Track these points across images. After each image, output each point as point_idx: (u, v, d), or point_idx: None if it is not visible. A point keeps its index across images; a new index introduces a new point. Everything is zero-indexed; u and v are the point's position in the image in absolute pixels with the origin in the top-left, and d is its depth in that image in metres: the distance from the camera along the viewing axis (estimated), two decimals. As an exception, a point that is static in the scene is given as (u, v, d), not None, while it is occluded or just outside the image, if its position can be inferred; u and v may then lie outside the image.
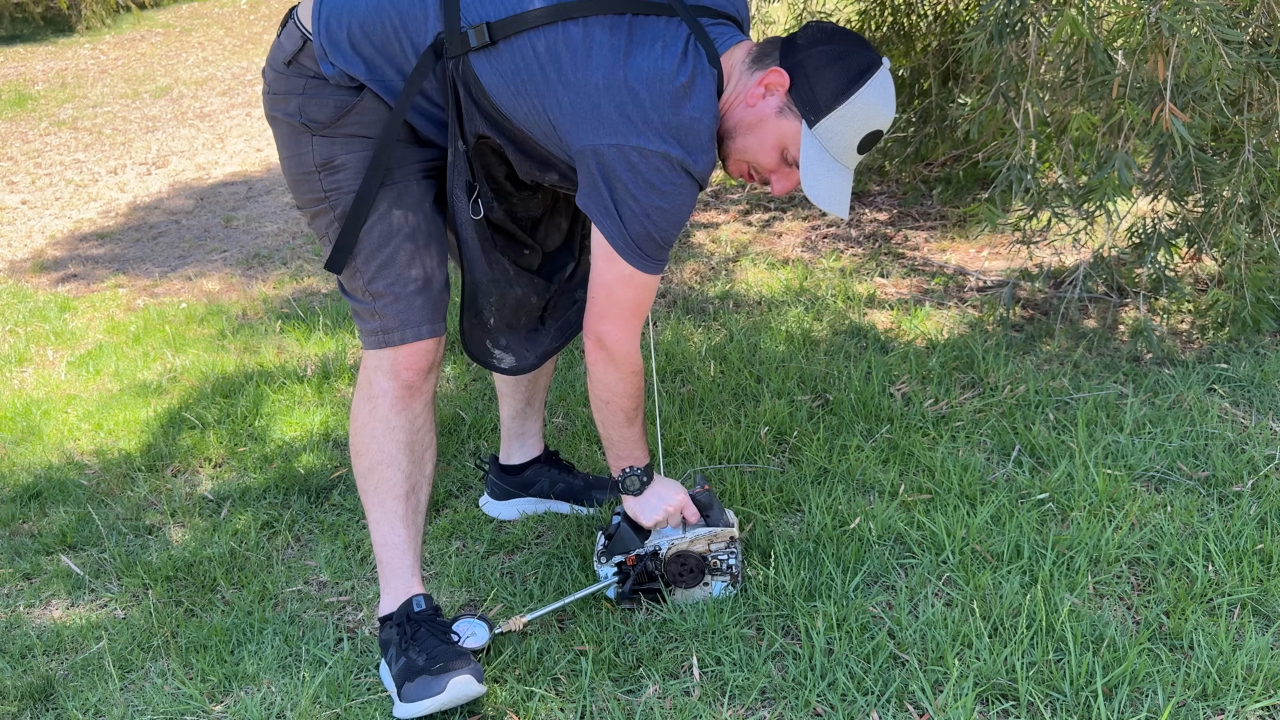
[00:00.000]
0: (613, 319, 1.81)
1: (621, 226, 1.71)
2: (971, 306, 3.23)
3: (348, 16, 1.74)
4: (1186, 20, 2.20)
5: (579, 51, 1.67)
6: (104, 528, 2.52)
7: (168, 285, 4.41)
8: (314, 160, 1.80)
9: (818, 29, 1.75)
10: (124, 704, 1.92)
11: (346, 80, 1.76)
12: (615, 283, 1.77)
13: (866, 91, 1.70)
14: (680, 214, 1.74)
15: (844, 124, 1.71)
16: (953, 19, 3.88)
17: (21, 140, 7.28)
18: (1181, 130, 2.29)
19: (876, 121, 1.73)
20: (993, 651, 1.77)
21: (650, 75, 1.64)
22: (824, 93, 1.70)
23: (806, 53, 1.71)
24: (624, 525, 1.99)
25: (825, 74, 1.69)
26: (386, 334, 1.84)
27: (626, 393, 1.87)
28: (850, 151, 1.75)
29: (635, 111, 1.64)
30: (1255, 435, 2.38)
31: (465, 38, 1.70)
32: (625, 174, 1.67)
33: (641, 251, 1.74)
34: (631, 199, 1.68)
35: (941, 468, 2.32)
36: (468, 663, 1.74)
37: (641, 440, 1.95)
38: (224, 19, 11.26)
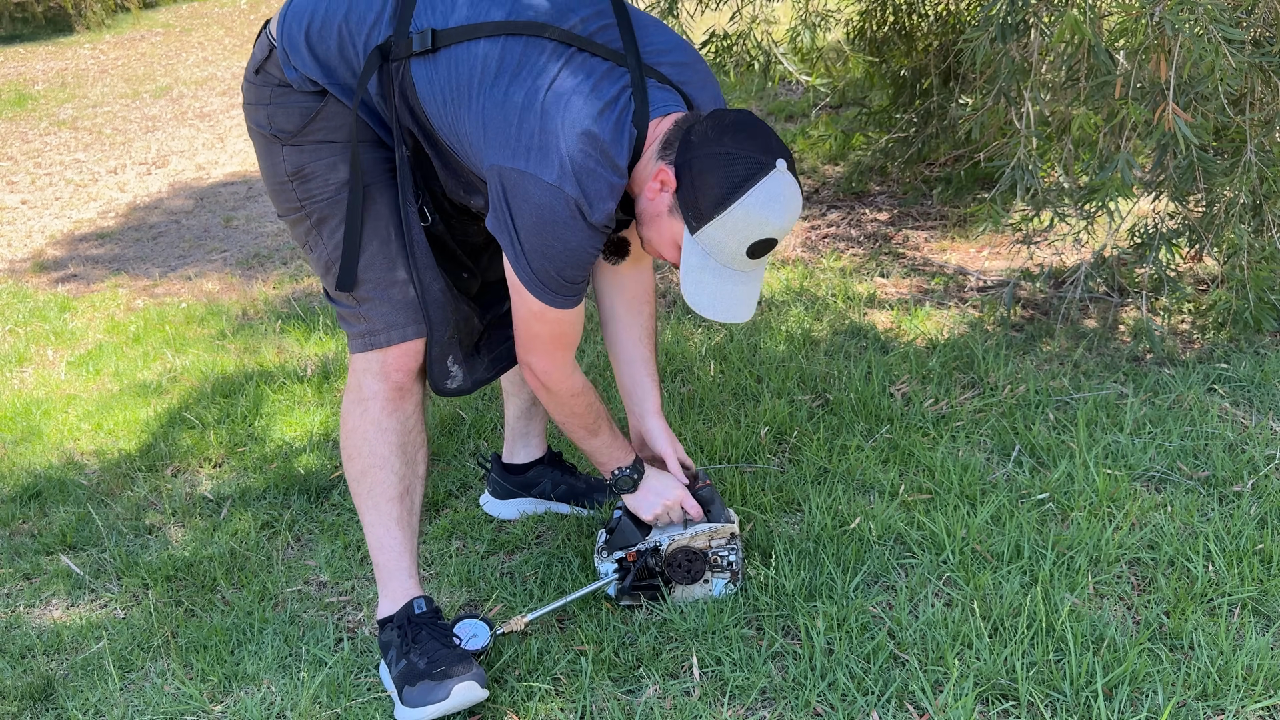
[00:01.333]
0: (536, 352, 1.79)
1: (524, 257, 1.65)
2: (972, 306, 3.23)
3: (306, 19, 1.75)
4: (1189, 20, 2.20)
5: (510, 68, 1.63)
6: (104, 528, 2.52)
7: (167, 285, 4.41)
8: (286, 170, 1.81)
9: (714, 123, 1.63)
10: (124, 704, 1.91)
11: (309, 85, 1.76)
12: (529, 317, 1.74)
13: (749, 200, 1.58)
14: (580, 255, 1.66)
15: (725, 232, 1.61)
16: (954, 19, 3.88)
17: (21, 140, 7.28)
18: (1184, 130, 2.29)
19: (762, 231, 1.60)
20: (993, 651, 1.77)
21: (569, 110, 1.59)
22: (705, 199, 1.59)
23: (696, 152, 1.60)
24: (625, 518, 1.99)
25: (708, 179, 1.59)
26: (373, 336, 1.84)
27: (576, 412, 1.86)
28: (739, 258, 1.64)
29: (543, 141, 1.58)
30: (1255, 435, 2.38)
31: (410, 42, 1.68)
32: (523, 202, 1.61)
33: (545, 286, 1.67)
34: (530, 232, 1.62)
35: (941, 468, 2.31)
36: (470, 667, 1.74)
37: (616, 442, 1.93)
38: (224, 19, 11.25)
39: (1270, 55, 2.46)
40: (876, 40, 4.05)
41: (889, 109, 4.26)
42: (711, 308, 1.67)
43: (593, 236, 1.65)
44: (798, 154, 4.86)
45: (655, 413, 2.05)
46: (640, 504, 1.97)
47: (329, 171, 1.79)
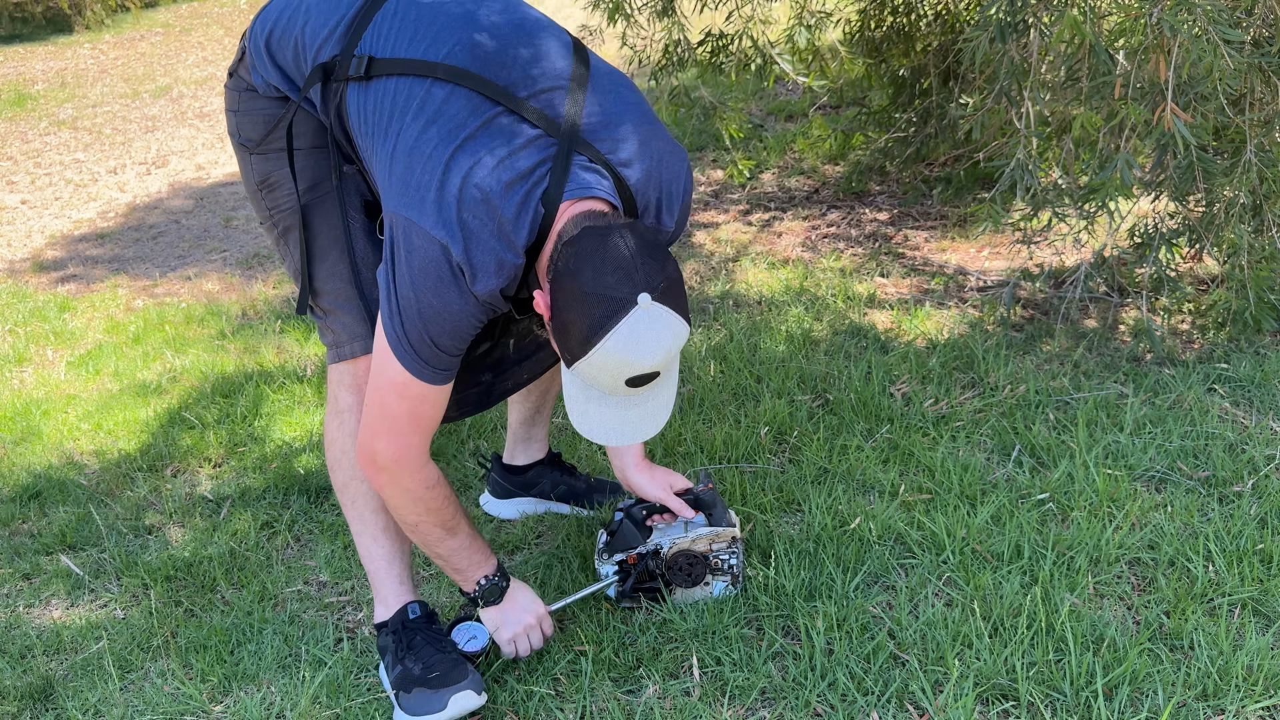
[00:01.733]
0: (388, 434, 1.61)
1: (398, 315, 1.52)
2: (972, 306, 3.23)
3: (270, 25, 1.75)
4: (1188, 20, 2.20)
5: (429, 113, 1.52)
6: (104, 528, 2.52)
7: (167, 285, 4.41)
8: (255, 179, 1.81)
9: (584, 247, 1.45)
10: (124, 704, 1.91)
11: (273, 91, 1.75)
12: (388, 390, 1.58)
13: (608, 345, 1.43)
14: (458, 323, 1.53)
15: (595, 370, 1.47)
16: (953, 19, 3.87)
17: (21, 140, 7.28)
18: (1183, 130, 2.29)
19: (631, 369, 1.46)
20: (993, 651, 1.77)
21: (475, 173, 1.47)
22: (570, 339, 1.47)
23: (561, 285, 1.46)
24: (626, 521, 1.99)
25: (571, 317, 1.45)
26: (339, 348, 1.81)
27: (432, 507, 1.68)
28: (618, 388, 1.50)
29: (440, 196, 1.47)
30: (1255, 435, 2.38)
31: (350, 64, 1.61)
32: (406, 253, 1.49)
33: (416, 353, 1.53)
34: (408, 287, 1.50)
35: (942, 468, 2.31)
36: (465, 675, 1.73)
37: (477, 542, 1.77)
38: (224, 19, 11.25)
39: (1269, 55, 2.46)
40: (875, 40, 4.05)
41: (888, 109, 4.26)
42: (604, 435, 1.55)
43: (475, 306, 1.52)
44: (798, 154, 4.86)
45: (635, 466, 1.96)
46: (504, 620, 1.81)
47: (292, 180, 1.78)
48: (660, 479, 1.97)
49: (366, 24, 1.63)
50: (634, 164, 1.58)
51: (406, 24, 1.61)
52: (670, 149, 1.64)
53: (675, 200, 1.64)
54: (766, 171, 4.74)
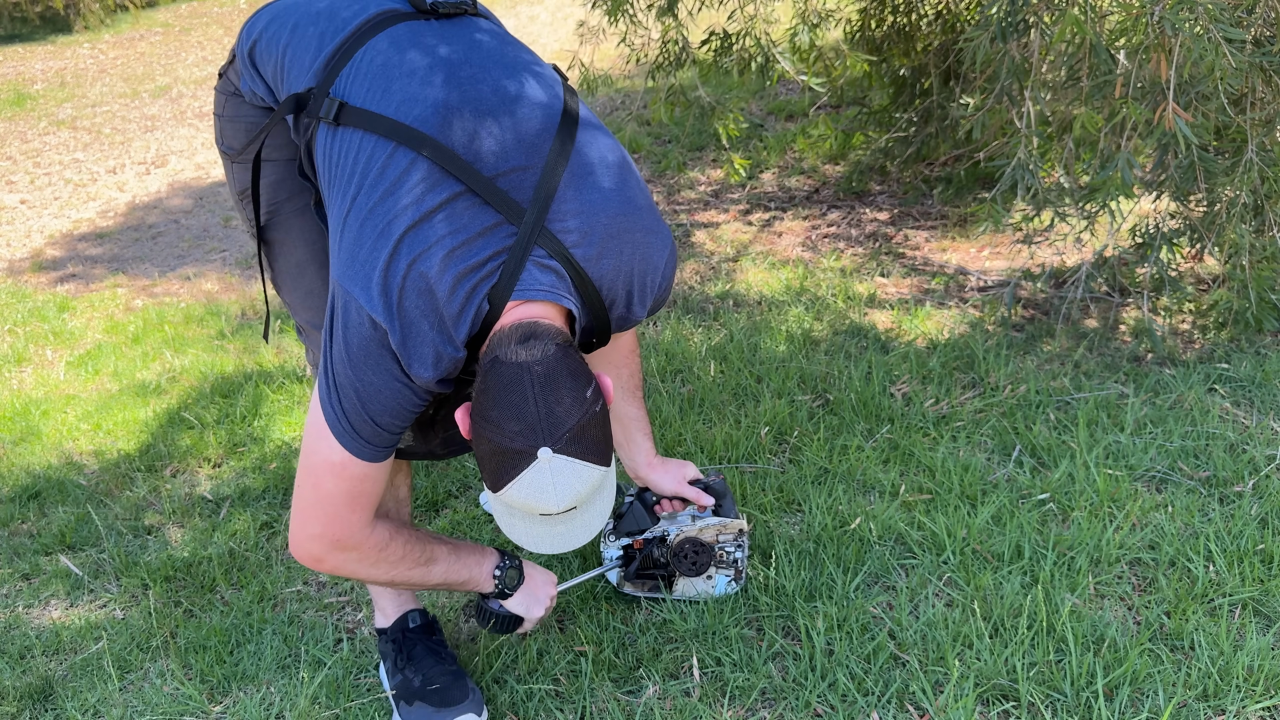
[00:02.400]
0: (322, 521, 1.50)
1: (335, 391, 1.43)
2: (972, 306, 3.22)
3: (257, 35, 1.69)
4: (1189, 19, 2.20)
5: (388, 183, 1.42)
6: (103, 528, 2.51)
7: (166, 285, 4.41)
8: (236, 188, 1.76)
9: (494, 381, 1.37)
10: (123, 704, 1.91)
11: (257, 100, 1.70)
12: (323, 471, 1.47)
13: (512, 493, 1.38)
14: (395, 404, 1.44)
15: (509, 505, 1.43)
16: (954, 18, 3.87)
17: (20, 140, 7.27)
18: (1185, 130, 2.29)
19: (542, 509, 1.40)
20: (993, 652, 1.76)
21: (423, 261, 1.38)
22: (484, 470, 1.41)
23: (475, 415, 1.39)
24: (636, 504, 1.98)
25: (480, 453, 1.40)
26: (315, 367, 1.71)
27: (396, 560, 1.59)
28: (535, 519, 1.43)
29: (384, 277, 1.38)
30: (1256, 435, 2.37)
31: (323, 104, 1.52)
32: (344, 328, 1.41)
33: (355, 431, 1.44)
34: (345, 362, 1.41)
35: (942, 468, 2.31)
36: (466, 694, 1.73)
37: (463, 550, 1.71)
38: (223, 18, 11.25)
39: (1271, 55, 2.45)
40: (876, 39, 4.05)
41: (889, 108, 4.26)
42: (537, 545, 1.47)
43: (411, 390, 1.44)
44: (798, 154, 4.86)
45: (648, 464, 1.95)
46: (533, 601, 1.78)
47: (270, 191, 1.72)
48: (674, 471, 1.97)
49: (345, 61, 1.53)
50: (603, 258, 1.47)
51: (383, 73, 1.51)
52: (649, 237, 1.51)
53: (650, 292, 1.54)
54: (767, 171, 4.74)
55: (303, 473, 1.50)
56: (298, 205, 1.71)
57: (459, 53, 1.52)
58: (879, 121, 4.35)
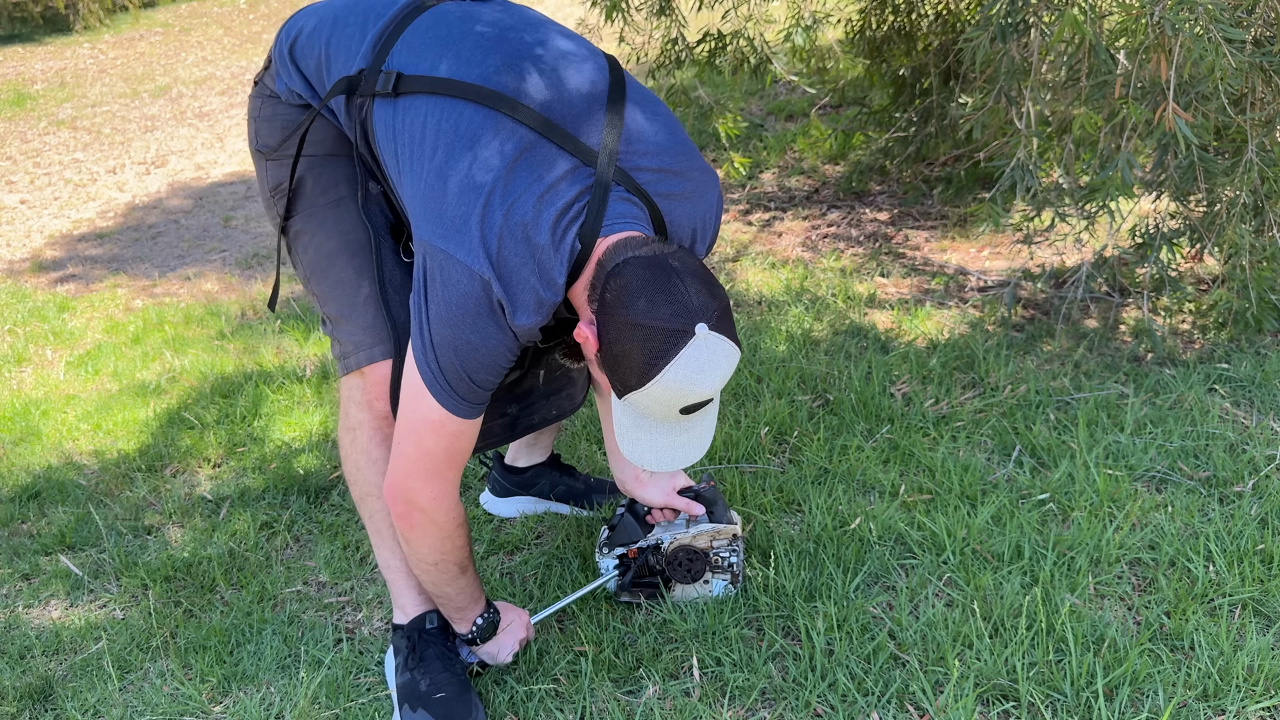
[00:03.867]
0: (422, 476, 1.57)
1: (432, 351, 1.48)
2: (972, 306, 3.22)
3: (295, 33, 1.75)
4: (1189, 20, 2.20)
5: (466, 139, 1.47)
6: (103, 528, 2.51)
7: (166, 285, 4.41)
8: (269, 185, 1.80)
9: (632, 278, 1.42)
10: (123, 704, 1.91)
11: (295, 98, 1.75)
12: (423, 427, 1.53)
13: (668, 376, 1.41)
14: (495, 359, 1.49)
15: (651, 401, 1.46)
16: (954, 18, 3.87)
17: (20, 140, 7.27)
18: (1184, 130, 2.29)
19: (689, 397, 1.45)
20: (993, 652, 1.76)
21: (516, 209, 1.43)
22: (625, 372, 1.44)
23: (611, 317, 1.43)
24: (627, 515, 1.99)
25: (626, 350, 1.42)
26: (346, 359, 1.76)
27: (457, 545, 1.66)
28: (671, 415, 1.49)
29: (480, 230, 1.43)
30: (1256, 435, 2.37)
31: (378, 79, 1.57)
32: (443, 288, 1.45)
33: (453, 389, 1.50)
34: (442, 323, 1.46)
35: (942, 468, 2.31)
36: (470, 710, 1.73)
37: (477, 579, 1.76)
38: (223, 18, 11.25)
39: (1271, 55, 2.45)
40: (876, 39, 4.05)
41: (889, 108, 4.26)
42: (655, 462, 1.53)
43: (511, 341, 1.49)
44: (798, 154, 4.86)
45: (635, 479, 1.96)
46: (499, 650, 1.83)
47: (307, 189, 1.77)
48: (662, 483, 1.96)
49: (395, 39, 1.59)
50: (672, 196, 1.55)
51: (438, 42, 1.57)
52: (705, 175, 1.61)
53: (709, 229, 1.62)
54: (766, 171, 4.74)
55: (403, 431, 1.55)
56: (332, 198, 1.74)
57: (505, 19, 1.61)
58: (879, 121, 4.35)
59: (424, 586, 1.74)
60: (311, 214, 1.76)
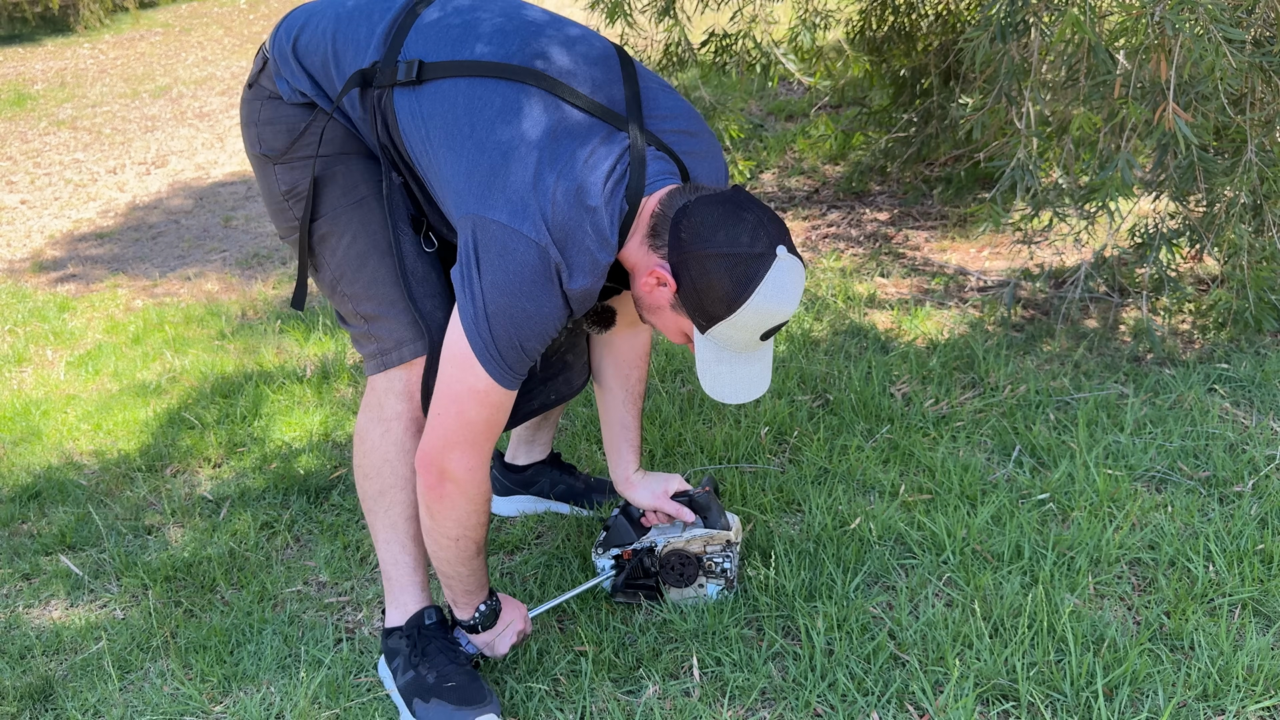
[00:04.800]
0: (462, 446, 1.59)
1: (485, 321, 1.51)
2: (972, 306, 3.22)
3: (297, 30, 1.73)
4: (1189, 20, 2.20)
5: (501, 113, 1.52)
6: (103, 528, 2.51)
7: (167, 285, 4.41)
8: (280, 189, 1.77)
9: (704, 217, 1.51)
10: (123, 704, 1.91)
11: (299, 97, 1.73)
12: (467, 397, 1.56)
13: (756, 300, 1.50)
14: (546, 325, 1.54)
15: (736, 329, 1.54)
16: (954, 19, 3.87)
17: (21, 140, 7.28)
18: (1184, 130, 2.29)
19: (774, 319, 1.54)
20: (993, 652, 1.77)
21: (566, 174, 1.49)
22: (711, 303, 1.51)
23: (690, 253, 1.50)
24: (620, 518, 1.99)
25: (711, 282, 1.50)
26: (385, 355, 1.77)
27: (481, 523, 1.68)
28: (752, 343, 1.58)
29: (533, 196, 1.47)
30: (1256, 435, 2.38)
31: (396, 70, 1.60)
32: (496, 258, 1.48)
33: (502, 358, 1.53)
34: (497, 291, 1.49)
35: (942, 468, 2.31)
36: (485, 696, 1.73)
37: (485, 565, 1.78)
38: (223, 18, 11.25)
39: (1271, 55, 2.45)
40: (876, 40, 4.05)
41: (889, 109, 4.26)
42: (733, 394, 1.61)
43: (564, 308, 1.54)
44: (798, 154, 4.86)
45: (627, 480, 2.00)
46: (497, 641, 1.83)
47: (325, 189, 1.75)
48: (653, 485, 1.98)
49: (407, 30, 1.63)
50: (692, 154, 1.64)
51: (453, 30, 1.61)
52: (712, 137, 1.71)
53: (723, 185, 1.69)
54: (767, 171, 4.74)
55: (445, 401, 1.58)
56: (354, 198, 1.74)
57: (511, 7, 1.67)
58: (879, 122, 4.35)
59: (438, 566, 1.74)
60: (336, 216, 1.74)
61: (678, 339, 1.65)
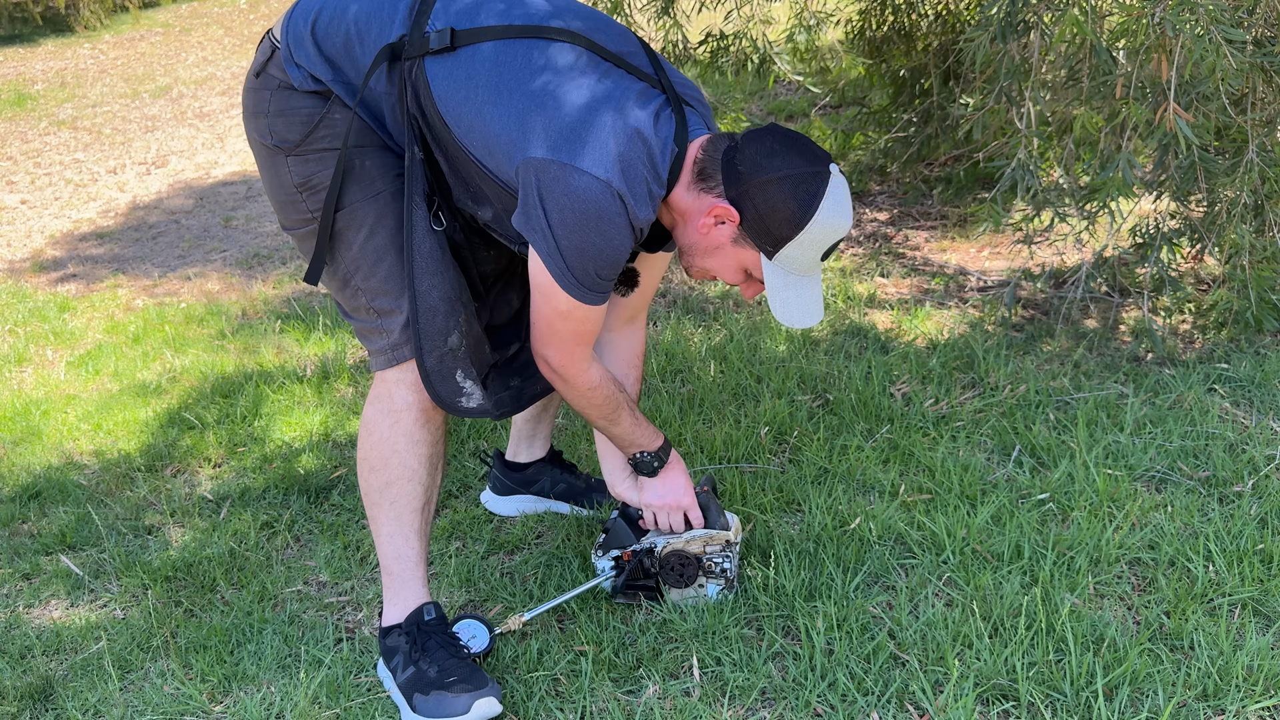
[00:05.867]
0: (555, 347, 1.76)
1: (559, 255, 1.61)
2: (972, 306, 3.22)
3: (314, 14, 1.73)
4: (1190, 20, 2.20)
5: (546, 67, 1.61)
6: (103, 528, 2.51)
7: (167, 285, 4.41)
8: (293, 181, 1.76)
9: (757, 148, 1.63)
10: (123, 704, 1.91)
11: (311, 84, 1.72)
12: (553, 316, 1.70)
13: (821, 215, 1.62)
14: (617, 254, 1.64)
15: (803, 248, 1.65)
16: (954, 18, 3.87)
17: (21, 140, 7.28)
18: (1185, 130, 2.29)
19: (836, 235, 1.66)
20: (993, 652, 1.77)
21: (622, 111, 1.59)
22: (778, 226, 1.62)
23: (750, 182, 1.61)
24: (619, 520, 1.99)
25: (776, 206, 1.61)
26: (397, 350, 1.79)
27: (592, 404, 1.84)
28: (814, 265, 1.69)
29: (591, 133, 1.56)
30: (1256, 435, 2.38)
31: (427, 40, 1.65)
32: (563, 197, 1.57)
33: (579, 283, 1.64)
34: (567, 228, 1.59)
35: (942, 468, 2.31)
36: (485, 682, 1.74)
37: (640, 428, 1.90)
38: (223, 19, 11.25)
39: (1272, 55, 2.46)
40: (876, 40, 4.05)
41: (889, 109, 4.26)
42: (801, 318, 1.70)
43: (630, 237, 1.63)
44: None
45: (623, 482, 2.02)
46: (650, 492, 1.95)
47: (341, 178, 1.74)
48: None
49: (431, 3, 1.68)
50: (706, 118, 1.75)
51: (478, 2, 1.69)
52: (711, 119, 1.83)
53: None
54: (767, 171, 4.73)
55: (539, 319, 1.73)
56: (371, 193, 1.75)
57: None
58: (879, 122, 4.35)
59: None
60: (354, 209, 1.75)
61: (735, 277, 1.74)
